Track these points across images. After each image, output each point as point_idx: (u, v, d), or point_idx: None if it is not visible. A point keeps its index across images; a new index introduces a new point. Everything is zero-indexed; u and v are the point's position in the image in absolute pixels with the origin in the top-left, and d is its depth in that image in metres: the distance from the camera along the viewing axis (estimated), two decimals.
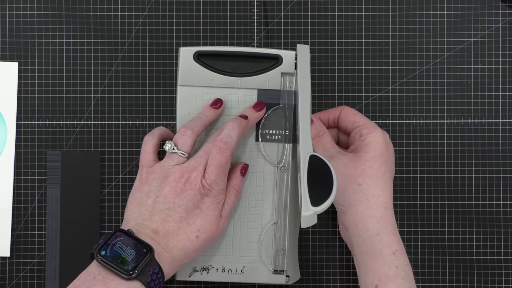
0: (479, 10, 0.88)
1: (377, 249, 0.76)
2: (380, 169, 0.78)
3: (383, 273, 0.75)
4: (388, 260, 0.76)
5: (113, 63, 0.87)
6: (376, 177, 0.78)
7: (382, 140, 0.79)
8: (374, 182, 0.78)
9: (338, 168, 0.78)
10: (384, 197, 0.78)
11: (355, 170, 0.78)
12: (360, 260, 0.77)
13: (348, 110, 0.82)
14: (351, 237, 0.79)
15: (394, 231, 0.77)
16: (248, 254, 0.82)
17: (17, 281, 0.86)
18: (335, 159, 0.79)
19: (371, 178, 0.78)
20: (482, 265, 0.87)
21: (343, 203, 0.79)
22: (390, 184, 0.79)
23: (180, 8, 0.87)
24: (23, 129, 0.86)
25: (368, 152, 0.79)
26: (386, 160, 0.79)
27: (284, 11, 0.87)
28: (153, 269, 0.72)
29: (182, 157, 0.77)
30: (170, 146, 0.78)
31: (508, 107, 0.88)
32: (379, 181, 0.78)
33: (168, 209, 0.75)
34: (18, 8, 0.87)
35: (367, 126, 0.80)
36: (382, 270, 0.75)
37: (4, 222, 0.86)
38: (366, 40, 0.88)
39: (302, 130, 0.75)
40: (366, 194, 0.78)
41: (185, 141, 0.78)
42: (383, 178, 0.78)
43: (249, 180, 0.82)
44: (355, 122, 0.81)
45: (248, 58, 0.82)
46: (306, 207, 0.71)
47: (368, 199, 0.77)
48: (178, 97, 0.82)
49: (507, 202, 0.87)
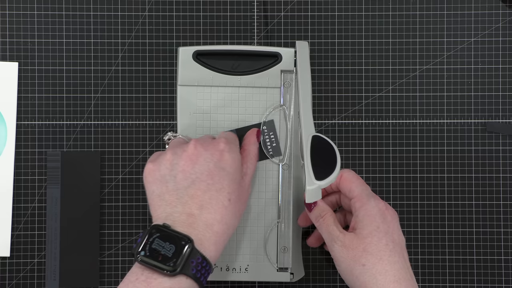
0: (479, 10, 0.88)
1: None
2: (380, 243, 0.74)
3: None
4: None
5: (113, 63, 0.87)
6: (377, 252, 0.74)
7: (376, 211, 0.75)
8: (378, 259, 0.74)
9: (342, 251, 0.75)
10: (393, 272, 0.73)
11: (356, 251, 0.74)
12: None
13: (346, 176, 0.79)
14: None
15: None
16: (252, 253, 0.82)
17: (17, 281, 0.86)
18: (337, 242, 0.75)
19: (373, 256, 0.74)
20: (482, 265, 0.87)
21: (354, 286, 0.75)
22: (398, 254, 0.74)
23: (180, 8, 0.87)
24: (23, 129, 0.86)
25: (364, 228, 0.75)
26: (385, 231, 0.75)
27: (284, 11, 0.87)
28: (196, 260, 0.69)
29: (183, 138, 0.77)
30: (171, 133, 0.77)
31: (508, 107, 0.88)
32: (382, 256, 0.74)
33: (192, 181, 0.72)
34: (18, 8, 0.87)
35: (360, 198, 0.76)
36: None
37: (4, 222, 0.86)
38: (366, 40, 0.88)
39: (304, 113, 0.75)
40: (373, 273, 0.73)
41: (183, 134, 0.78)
42: (386, 251, 0.74)
43: (252, 178, 0.82)
44: (351, 192, 0.78)
45: (247, 57, 0.82)
46: (310, 181, 0.69)
47: (376, 278, 0.73)
48: (178, 97, 0.82)
49: (507, 202, 0.87)
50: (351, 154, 0.87)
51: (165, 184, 0.73)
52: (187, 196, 0.72)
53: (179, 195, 0.72)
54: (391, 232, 0.75)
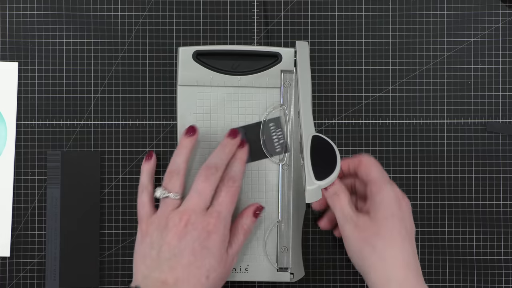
0: (479, 10, 0.88)
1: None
2: (394, 229, 0.75)
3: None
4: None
5: (113, 63, 0.87)
6: (391, 238, 0.75)
7: (393, 198, 0.77)
8: (390, 244, 0.75)
9: (354, 231, 0.76)
10: (403, 257, 0.75)
11: (368, 233, 0.76)
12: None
13: (366, 161, 0.80)
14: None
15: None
16: (252, 253, 0.83)
17: (17, 281, 0.86)
18: (350, 222, 0.77)
19: (385, 240, 0.75)
20: (482, 265, 0.87)
21: (361, 267, 0.77)
22: (409, 242, 0.76)
23: (180, 8, 0.87)
24: (23, 129, 0.86)
25: (379, 212, 0.76)
26: (400, 218, 0.76)
27: (284, 11, 0.87)
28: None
29: (176, 199, 0.77)
30: (161, 192, 0.78)
31: (508, 107, 0.88)
32: (394, 242, 0.75)
33: (175, 255, 0.75)
34: (18, 8, 0.87)
35: (377, 183, 0.78)
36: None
37: (4, 222, 0.86)
38: (366, 40, 0.88)
39: (304, 113, 0.75)
40: (383, 256, 0.75)
41: (174, 183, 0.78)
42: (399, 237, 0.75)
43: (251, 178, 0.82)
44: (368, 176, 0.79)
45: (247, 57, 0.82)
46: (310, 181, 0.71)
47: (385, 262, 0.75)
48: (178, 97, 0.82)
49: (507, 202, 0.87)
50: (351, 154, 0.87)
51: (150, 249, 0.76)
52: (166, 267, 0.75)
53: (159, 263, 0.75)
54: (406, 219, 0.77)
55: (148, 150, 0.86)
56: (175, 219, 0.76)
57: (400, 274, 0.74)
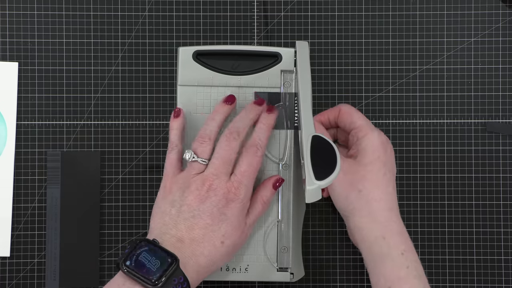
0: (479, 10, 0.88)
1: (384, 253, 0.76)
2: (379, 172, 0.78)
3: (395, 276, 0.75)
4: (397, 262, 0.75)
5: (113, 63, 0.87)
6: (376, 181, 0.78)
7: (379, 142, 0.79)
8: (375, 186, 0.78)
9: (339, 175, 0.77)
10: (386, 200, 0.78)
11: (355, 176, 0.78)
12: (370, 265, 0.77)
13: (346, 110, 0.81)
14: (358, 243, 0.79)
15: (401, 232, 0.77)
16: (252, 253, 0.82)
17: (17, 281, 0.86)
18: None
19: (371, 183, 0.77)
20: (482, 265, 0.87)
21: (346, 210, 0.79)
22: (392, 185, 0.79)
23: (180, 8, 0.87)
24: (23, 129, 0.86)
25: (366, 156, 0.78)
26: (385, 162, 0.78)
27: (284, 11, 0.87)
28: (178, 279, 0.72)
29: (203, 164, 0.77)
30: (190, 155, 0.77)
31: (508, 107, 0.88)
32: (380, 185, 0.78)
33: (193, 216, 0.75)
34: (18, 8, 0.87)
35: (363, 128, 0.79)
36: (393, 273, 0.75)
37: (4, 222, 0.86)
38: (366, 40, 0.88)
39: (304, 113, 0.76)
40: (368, 199, 0.77)
41: (204, 148, 0.78)
42: (383, 181, 0.78)
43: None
44: (352, 123, 0.80)
45: (247, 57, 0.82)
46: (310, 181, 0.71)
47: (370, 204, 0.77)
48: (178, 97, 0.82)
49: (507, 202, 0.87)
50: None
51: (170, 207, 0.76)
52: (184, 226, 0.75)
53: (177, 221, 0.75)
54: (389, 164, 0.79)
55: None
56: (198, 183, 0.76)
57: (384, 215, 0.77)
